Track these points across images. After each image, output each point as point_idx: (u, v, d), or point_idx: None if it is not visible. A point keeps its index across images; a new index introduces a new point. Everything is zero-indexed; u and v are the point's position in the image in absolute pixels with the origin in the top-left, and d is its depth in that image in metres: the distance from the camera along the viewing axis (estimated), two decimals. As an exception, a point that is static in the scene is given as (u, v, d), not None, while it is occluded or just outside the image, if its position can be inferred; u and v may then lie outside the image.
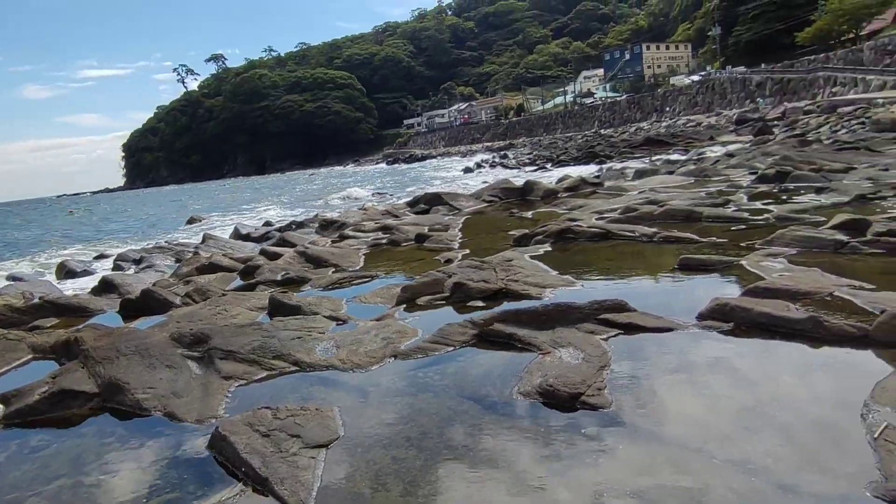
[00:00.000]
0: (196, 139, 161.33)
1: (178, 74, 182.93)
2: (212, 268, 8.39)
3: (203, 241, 12.70)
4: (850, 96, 30.72)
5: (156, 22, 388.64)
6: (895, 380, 2.84)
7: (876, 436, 2.44)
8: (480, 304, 4.96)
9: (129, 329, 5.00)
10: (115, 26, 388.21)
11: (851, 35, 50.06)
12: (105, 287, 8.00)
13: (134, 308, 6.41)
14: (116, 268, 11.50)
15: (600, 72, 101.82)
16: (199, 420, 3.37)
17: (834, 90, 36.65)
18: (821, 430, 2.60)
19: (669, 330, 3.89)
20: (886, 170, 10.04)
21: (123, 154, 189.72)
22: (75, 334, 4.61)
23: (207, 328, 4.60)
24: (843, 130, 19.85)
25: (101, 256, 14.59)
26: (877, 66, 34.55)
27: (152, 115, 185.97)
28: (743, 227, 6.94)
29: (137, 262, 11.52)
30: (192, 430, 3.28)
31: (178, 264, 10.02)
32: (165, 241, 15.35)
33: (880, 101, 23.83)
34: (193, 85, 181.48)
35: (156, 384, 3.75)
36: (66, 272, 11.99)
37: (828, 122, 23.16)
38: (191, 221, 23.94)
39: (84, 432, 3.50)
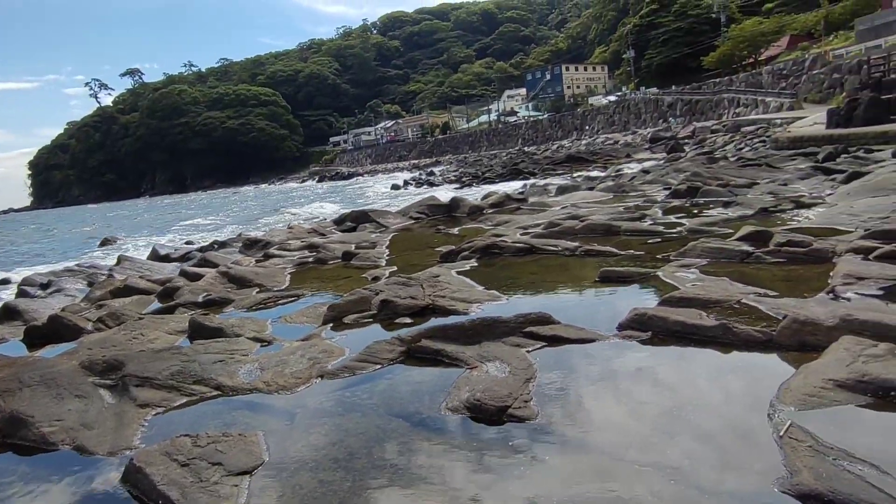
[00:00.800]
0: (111, 156, 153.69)
1: (91, 89, 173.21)
2: (127, 290, 8.00)
3: (118, 263, 12.06)
4: (752, 117, 32.86)
5: (66, 33, 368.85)
6: (797, 381, 3.03)
7: (781, 434, 2.59)
8: (408, 320, 4.95)
9: (33, 358, 4.69)
10: (21, 36, 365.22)
11: (751, 60, 53.73)
12: (7, 314, 7.48)
13: (40, 335, 6.03)
14: (21, 293, 10.72)
15: (523, 91, 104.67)
16: (111, 452, 3.19)
17: (737, 111, 39.11)
18: (733, 431, 2.75)
19: (592, 341, 4.01)
20: (785, 185, 10.79)
21: (30, 172, 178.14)
22: (-28, 366, 4.27)
23: (122, 354, 4.37)
24: (747, 148, 21.18)
25: (3, 281, 13.59)
26: (774, 89, 37.18)
27: (62, 130, 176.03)
28: (658, 239, 7.27)
29: (45, 286, 10.80)
30: (105, 464, 3.10)
31: (90, 288, 9.48)
32: (76, 264, 14.47)
33: (778, 121, 25.58)
34: (108, 100, 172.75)
35: (64, 416, 3.52)
36: (-39, 300, 11.10)
37: (733, 141, 24.67)
38: (104, 243, 22.62)
39: (-19, 472, 3.24)
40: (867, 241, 5.49)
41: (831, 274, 4.76)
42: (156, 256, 13.21)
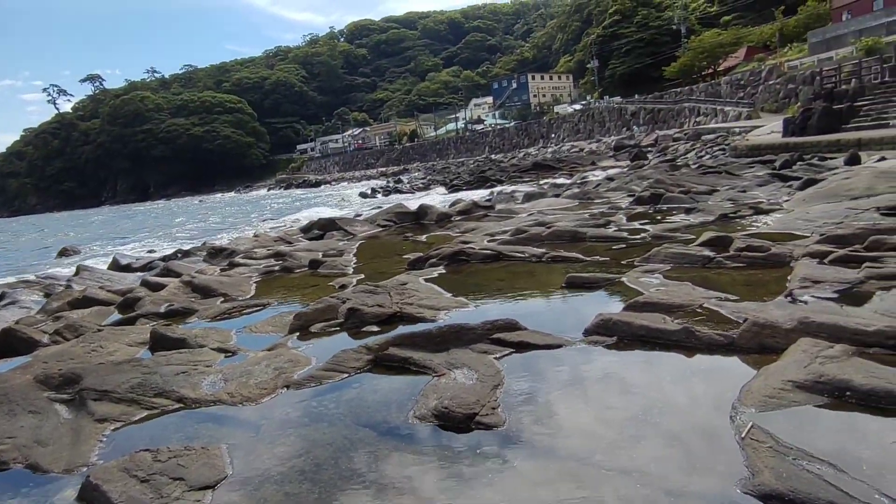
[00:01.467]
0: (70, 164, 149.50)
1: (49, 95, 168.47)
2: (86, 302, 7.77)
3: (77, 274, 11.71)
4: (712, 125, 33.68)
5: (24, 38, 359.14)
6: (758, 382, 3.09)
7: (743, 436, 2.64)
8: (375, 328, 4.92)
9: (-15, 373, 4.51)
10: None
11: (711, 70, 55.21)
12: (-43, 328, 7.17)
13: (-8, 350, 5.80)
14: (-28, 306, 10.34)
15: (489, 99, 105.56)
16: (67, 470, 3.08)
17: (698, 119, 40.04)
18: (697, 434, 2.79)
19: (559, 346, 4.04)
20: (744, 191, 11.07)
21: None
22: (-82, 382, 4.09)
23: (79, 367, 4.24)
24: (707, 156, 21.68)
25: (-47, 294, 13.07)
26: (733, 99, 38.23)
27: (18, 137, 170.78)
28: (623, 245, 7.37)
29: (-2, 298, 10.44)
30: (60, 482, 2.99)
31: (46, 300, 9.18)
32: (33, 275, 14.00)
33: (737, 129, 26.26)
34: (67, 106, 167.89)
35: (16, 433, 3.40)
36: None
37: (694, 149, 25.22)
38: (63, 253, 21.86)
39: (-72, 493, 3.10)
40: (822, 246, 5.67)
41: (789, 278, 4.90)
42: (117, 266, 12.86)
